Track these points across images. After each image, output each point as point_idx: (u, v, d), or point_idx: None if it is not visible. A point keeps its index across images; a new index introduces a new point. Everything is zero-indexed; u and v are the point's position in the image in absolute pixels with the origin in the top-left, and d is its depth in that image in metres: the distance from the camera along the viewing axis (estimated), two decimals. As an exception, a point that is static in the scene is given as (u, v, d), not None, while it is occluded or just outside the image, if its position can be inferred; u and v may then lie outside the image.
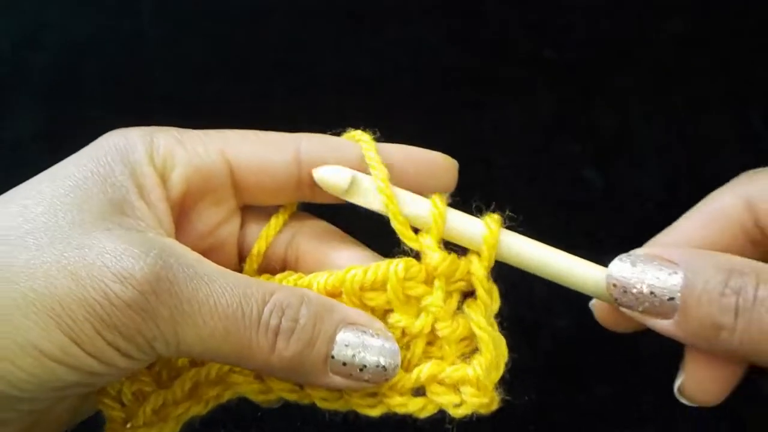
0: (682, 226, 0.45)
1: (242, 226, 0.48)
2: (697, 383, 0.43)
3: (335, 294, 0.44)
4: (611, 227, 0.77)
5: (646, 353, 0.70)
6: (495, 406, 0.44)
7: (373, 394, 0.44)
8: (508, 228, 0.46)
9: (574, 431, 0.71)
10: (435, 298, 0.44)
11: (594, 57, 0.88)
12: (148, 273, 0.38)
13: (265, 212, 0.48)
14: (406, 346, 0.45)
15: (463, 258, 0.45)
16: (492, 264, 0.44)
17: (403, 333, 0.44)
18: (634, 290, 0.41)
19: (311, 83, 0.87)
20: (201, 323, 0.39)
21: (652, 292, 0.40)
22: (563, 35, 0.90)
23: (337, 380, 0.42)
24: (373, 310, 0.45)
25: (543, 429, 0.70)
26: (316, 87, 0.87)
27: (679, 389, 0.43)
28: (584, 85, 0.87)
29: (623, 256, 0.42)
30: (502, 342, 0.45)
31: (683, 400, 0.43)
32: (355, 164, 0.45)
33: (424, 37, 0.90)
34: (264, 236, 0.47)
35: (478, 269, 0.44)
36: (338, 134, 0.48)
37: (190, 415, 0.45)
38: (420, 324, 0.44)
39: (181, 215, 0.45)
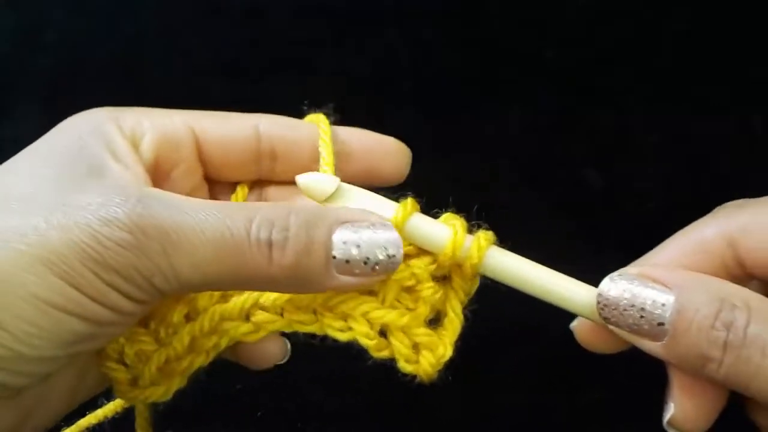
0: (667, 251, 0.44)
1: (212, 192, 0.50)
2: (687, 414, 0.42)
3: None
4: (611, 228, 0.77)
5: (645, 354, 0.70)
6: (432, 380, 0.46)
7: (345, 317, 0.46)
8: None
9: (573, 431, 0.71)
10: (421, 267, 0.45)
11: (594, 57, 0.88)
12: (131, 213, 0.39)
13: (230, 186, 0.50)
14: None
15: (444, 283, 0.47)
16: (472, 281, 0.46)
17: None
18: (625, 311, 0.41)
19: (311, 83, 0.87)
20: (192, 250, 0.39)
21: (642, 316, 0.40)
22: (563, 35, 0.90)
23: (346, 279, 0.42)
24: None
25: (542, 428, 0.70)
26: (316, 87, 0.87)
27: (669, 422, 0.43)
28: (584, 85, 0.87)
29: (615, 275, 0.42)
30: (460, 327, 0.48)
31: (671, 431, 0.43)
32: (310, 143, 0.48)
33: (423, 37, 0.90)
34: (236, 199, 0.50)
35: (457, 279, 0.46)
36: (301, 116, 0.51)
37: (195, 367, 0.46)
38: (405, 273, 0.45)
39: (156, 185, 0.46)
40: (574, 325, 0.45)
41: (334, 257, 0.41)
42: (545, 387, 0.71)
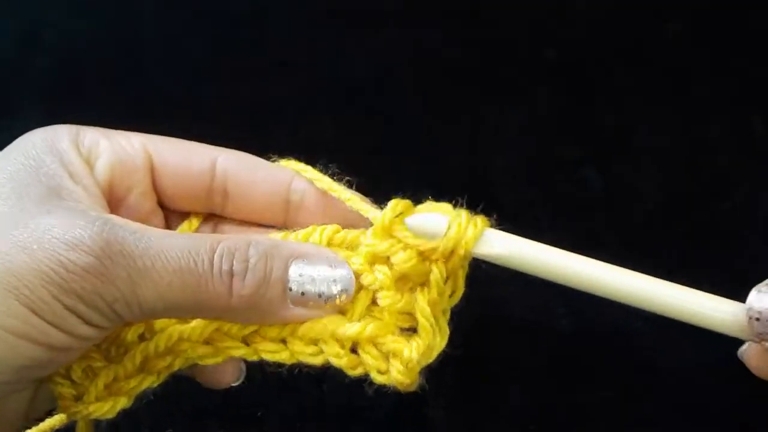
0: None
1: (166, 219, 0.49)
2: None
3: None
4: (611, 228, 0.77)
5: (647, 356, 0.70)
6: (413, 389, 0.45)
7: (315, 341, 0.45)
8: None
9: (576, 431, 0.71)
10: (383, 270, 0.45)
11: (594, 57, 0.88)
12: (98, 238, 0.38)
13: (184, 215, 0.50)
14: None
15: (426, 262, 0.45)
16: (459, 267, 0.44)
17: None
18: None
19: (311, 83, 0.87)
20: (157, 278, 0.39)
21: None
22: (563, 35, 0.90)
23: (299, 311, 0.43)
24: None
25: (543, 429, 0.70)
26: (316, 87, 0.87)
27: None
28: (584, 85, 0.87)
29: (761, 286, 0.39)
30: (445, 334, 0.46)
31: None
32: (271, 187, 0.48)
33: (424, 37, 0.90)
34: (186, 228, 0.49)
35: (438, 271, 0.44)
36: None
37: (143, 387, 0.45)
38: (365, 278, 0.45)
39: (112, 209, 0.46)
40: (742, 351, 0.42)
41: (290, 289, 0.42)
42: (545, 387, 0.70)
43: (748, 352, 0.41)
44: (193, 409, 0.49)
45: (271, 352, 0.45)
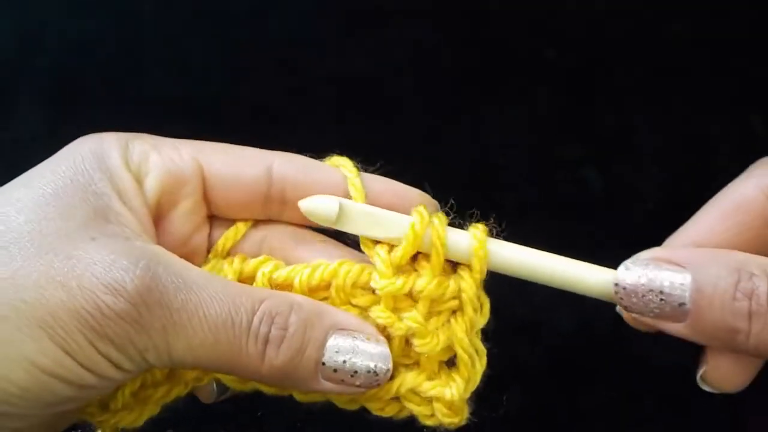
0: (699, 222, 0.43)
1: (210, 233, 0.48)
2: (720, 373, 0.42)
3: (320, 288, 0.44)
4: (611, 228, 0.77)
5: (647, 354, 0.70)
6: (463, 422, 0.44)
7: (353, 399, 0.45)
8: (504, 235, 0.44)
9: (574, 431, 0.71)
10: (412, 316, 0.43)
11: (594, 57, 0.88)
12: (139, 284, 0.38)
13: (233, 222, 0.48)
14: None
15: (452, 277, 0.43)
16: (484, 276, 0.43)
17: (384, 327, 0.44)
18: (643, 297, 0.40)
19: (311, 83, 0.87)
20: (191, 333, 0.39)
21: (661, 299, 0.40)
22: (563, 35, 0.89)
23: (329, 386, 0.42)
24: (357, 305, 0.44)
25: (543, 429, 0.70)
26: (316, 87, 0.87)
27: (701, 377, 0.42)
28: (584, 85, 0.87)
29: (628, 262, 0.41)
30: (483, 356, 0.45)
31: (706, 388, 0.43)
32: (328, 189, 0.45)
33: (424, 37, 0.90)
34: (232, 236, 0.47)
35: (469, 287, 0.43)
36: (320, 157, 0.47)
37: (172, 397, 0.45)
38: (396, 328, 0.43)
39: (157, 222, 0.45)
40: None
41: (323, 363, 0.41)
42: (546, 387, 0.70)
43: (624, 312, 0.43)
44: (193, 408, 0.49)
45: (303, 394, 0.45)
